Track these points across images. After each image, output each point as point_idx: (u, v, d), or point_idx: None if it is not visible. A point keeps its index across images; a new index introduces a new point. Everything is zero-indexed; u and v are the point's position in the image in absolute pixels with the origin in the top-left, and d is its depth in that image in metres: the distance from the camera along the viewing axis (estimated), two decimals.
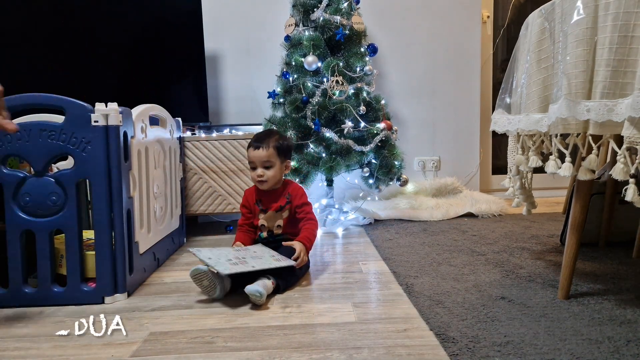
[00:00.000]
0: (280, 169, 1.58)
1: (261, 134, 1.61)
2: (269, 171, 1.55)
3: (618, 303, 1.22)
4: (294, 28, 2.34)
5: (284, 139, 1.61)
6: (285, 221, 1.60)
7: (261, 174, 1.55)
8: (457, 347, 1.00)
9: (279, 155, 1.57)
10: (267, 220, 1.60)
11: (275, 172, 1.56)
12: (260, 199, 1.62)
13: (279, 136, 1.60)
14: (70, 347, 1.08)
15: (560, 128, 1.14)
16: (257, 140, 1.57)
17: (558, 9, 1.17)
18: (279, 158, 1.57)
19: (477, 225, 2.25)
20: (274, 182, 1.58)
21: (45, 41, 2.29)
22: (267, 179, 1.55)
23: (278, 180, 1.60)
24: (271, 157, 1.55)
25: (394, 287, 1.41)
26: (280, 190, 1.62)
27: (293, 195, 1.60)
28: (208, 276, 1.34)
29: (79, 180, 1.33)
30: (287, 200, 1.60)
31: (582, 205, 1.23)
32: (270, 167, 1.55)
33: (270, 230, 1.60)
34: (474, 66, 2.86)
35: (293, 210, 1.60)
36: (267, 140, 1.56)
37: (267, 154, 1.54)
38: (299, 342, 1.07)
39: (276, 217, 1.60)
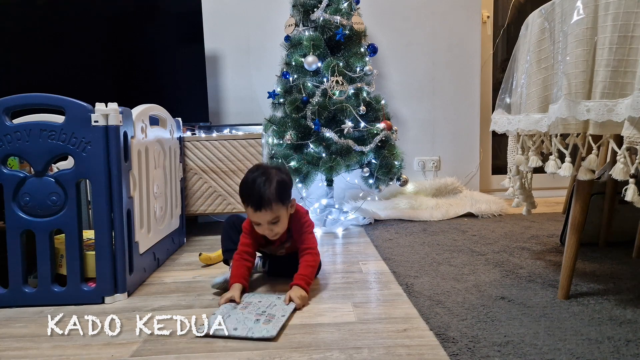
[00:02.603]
0: (287, 216, 1.38)
1: (256, 185, 1.31)
2: (278, 226, 1.36)
3: (618, 303, 1.22)
4: (294, 28, 2.34)
5: (280, 182, 1.34)
6: (288, 248, 1.50)
7: (270, 232, 1.37)
8: (457, 347, 1.00)
9: (284, 204, 1.35)
10: (269, 250, 1.52)
11: (283, 224, 1.37)
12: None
13: (277, 181, 1.33)
14: (70, 347, 1.08)
15: (560, 128, 1.14)
16: (255, 200, 1.31)
17: (558, 9, 1.17)
18: (285, 206, 1.36)
19: (477, 225, 2.25)
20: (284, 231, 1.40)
21: (45, 41, 2.29)
22: (277, 233, 1.38)
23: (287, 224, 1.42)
24: (277, 213, 1.33)
25: (394, 287, 1.41)
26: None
27: (295, 229, 1.44)
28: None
29: (79, 180, 1.33)
30: (288, 235, 1.46)
31: (582, 205, 1.23)
32: (278, 221, 1.35)
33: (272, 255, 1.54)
34: (474, 66, 2.86)
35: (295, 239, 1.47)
36: (266, 196, 1.30)
37: (273, 214, 1.32)
38: (299, 342, 1.07)
39: (279, 248, 1.50)
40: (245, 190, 1.34)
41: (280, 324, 1.13)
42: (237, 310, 1.20)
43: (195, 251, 1.91)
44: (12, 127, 1.31)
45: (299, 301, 1.25)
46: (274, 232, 1.36)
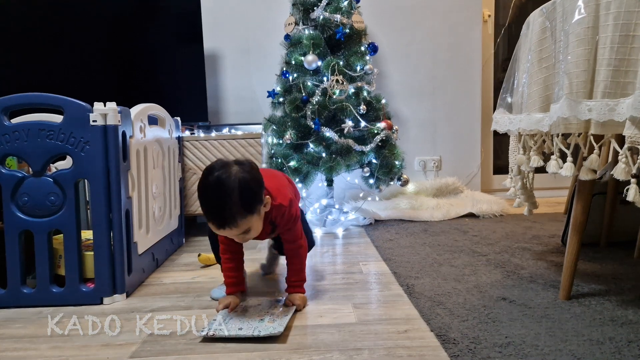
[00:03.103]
0: (259, 221, 1.16)
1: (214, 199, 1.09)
2: (250, 234, 1.16)
3: (619, 303, 1.22)
4: (293, 27, 2.34)
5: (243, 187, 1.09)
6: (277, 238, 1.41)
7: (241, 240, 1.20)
8: (457, 348, 1.00)
9: (252, 212, 1.11)
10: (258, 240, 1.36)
11: (255, 231, 1.16)
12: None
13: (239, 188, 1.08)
14: (69, 348, 1.07)
15: (561, 128, 1.13)
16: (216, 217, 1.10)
17: (559, 8, 1.17)
18: (254, 214, 1.12)
19: (478, 225, 2.24)
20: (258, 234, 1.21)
21: (44, 41, 2.29)
22: (250, 238, 1.19)
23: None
24: (246, 225, 1.12)
25: (395, 288, 1.41)
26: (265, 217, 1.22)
27: (277, 222, 1.25)
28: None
29: (78, 180, 1.32)
30: (272, 227, 1.27)
31: (583, 205, 1.23)
32: (249, 230, 1.14)
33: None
34: (475, 65, 2.86)
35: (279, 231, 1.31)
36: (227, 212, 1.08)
37: (239, 229, 1.11)
38: (299, 343, 1.06)
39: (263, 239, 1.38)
40: (203, 203, 1.11)
41: (286, 321, 1.13)
42: (237, 314, 1.20)
43: (194, 252, 1.91)
44: (11, 126, 1.30)
45: (299, 302, 1.24)
46: (246, 239, 1.18)
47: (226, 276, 1.30)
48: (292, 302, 1.24)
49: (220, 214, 1.09)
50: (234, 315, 1.18)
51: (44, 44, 2.29)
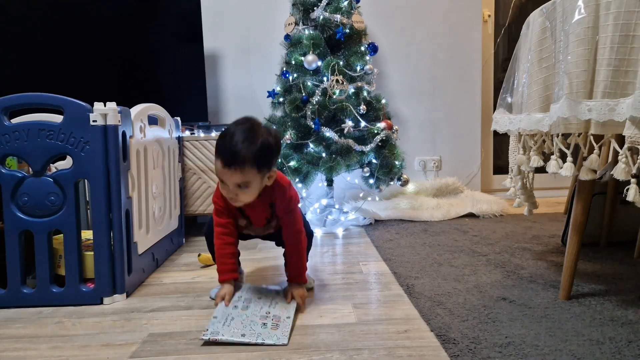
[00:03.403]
0: (260, 184, 1.16)
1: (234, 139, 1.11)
2: (244, 193, 1.15)
3: (619, 303, 1.22)
4: (293, 27, 2.34)
5: (265, 144, 1.13)
6: (276, 227, 1.35)
7: (233, 196, 1.16)
8: (458, 348, 1.00)
9: (260, 172, 1.14)
10: (254, 232, 1.36)
11: (252, 192, 1.16)
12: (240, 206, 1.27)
13: (261, 142, 1.12)
14: (69, 348, 1.07)
15: (561, 128, 1.13)
16: (228, 154, 1.10)
17: (559, 8, 1.17)
18: (260, 174, 1.14)
19: (478, 225, 2.24)
20: (253, 199, 1.20)
21: (44, 41, 2.29)
22: (241, 200, 1.17)
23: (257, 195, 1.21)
24: (248, 177, 1.12)
25: (395, 288, 1.41)
26: (264, 197, 1.24)
27: (277, 204, 1.25)
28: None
29: (78, 180, 1.32)
30: (271, 211, 1.28)
31: (583, 205, 1.23)
32: (246, 187, 1.14)
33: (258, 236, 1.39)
34: (475, 65, 2.86)
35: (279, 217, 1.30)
36: (242, 153, 1.10)
37: (242, 177, 1.11)
38: (299, 343, 1.06)
39: (265, 229, 1.35)
40: (221, 140, 1.13)
41: (288, 328, 1.11)
42: (238, 311, 1.17)
43: (194, 252, 1.91)
44: (11, 126, 1.30)
45: (300, 300, 1.24)
46: (238, 198, 1.15)
47: (219, 263, 1.27)
48: (292, 295, 1.24)
49: (235, 152, 1.10)
50: (235, 315, 1.16)
51: (44, 44, 2.29)
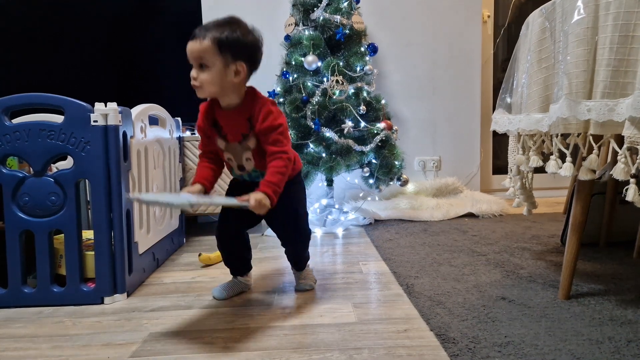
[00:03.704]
0: (222, 72, 1.13)
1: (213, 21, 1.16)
2: (204, 74, 1.13)
3: (619, 303, 1.22)
4: (293, 27, 2.34)
5: (239, 35, 1.14)
6: (255, 153, 1.22)
7: (194, 76, 1.14)
8: (457, 348, 1.00)
9: (222, 53, 1.12)
10: (233, 155, 1.25)
11: (212, 76, 1.13)
12: (217, 119, 1.23)
13: (231, 27, 1.14)
14: (69, 348, 1.07)
15: (561, 128, 1.13)
16: (199, 28, 1.14)
17: (559, 9, 1.17)
18: (221, 57, 1.12)
19: (477, 225, 2.24)
20: (215, 91, 1.16)
21: (45, 41, 2.29)
22: (200, 83, 1.14)
23: (223, 90, 1.16)
24: (207, 54, 1.11)
25: (394, 288, 1.41)
26: (241, 109, 1.20)
27: (255, 116, 1.18)
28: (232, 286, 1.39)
29: (78, 180, 1.33)
30: (249, 125, 1.19)
31: (582, 205, 1.23)
32: (206, 67, 1.13)
33: (241, 166, 1.26)
34: (475, 66, 2.86)
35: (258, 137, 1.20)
36: (209, 27, 1.13)
37: (201, 48, 1.11)
38: (299, 342, 1.06)
39: (242, 149, 1.23)
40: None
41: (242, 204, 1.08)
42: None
43: (194, 251, 1.91)
44: (12, 126, 1.30)
45: (253, 202, 1.09)
46: (198, 80, 1.13)
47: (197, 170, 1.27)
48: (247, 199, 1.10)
49: (201, 27, 1.14)
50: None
51: (44, 44, 2.30)
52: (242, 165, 1.25)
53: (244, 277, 1.41)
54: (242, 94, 1.21)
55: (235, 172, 1.28)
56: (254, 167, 1.24)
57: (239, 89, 1.20)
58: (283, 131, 1.19)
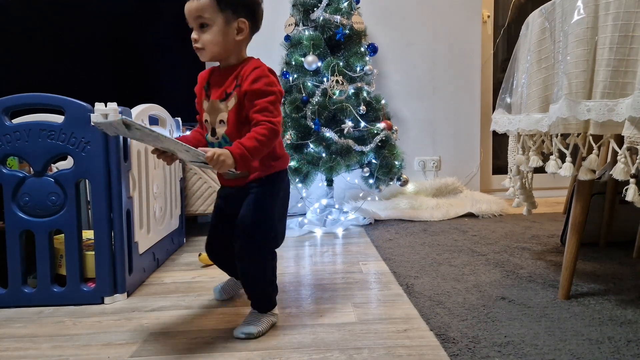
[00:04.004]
0: (224, 30, 1.07)
1: None
2: (206, 34, 1.07)
3: (618, 303, 1.22)
4: (293, 27, 2.34)
5: None
6: (232, 117, 1.09)
7: (195, 37, 1.08)
8: (457, 348, 1.00)
9: (222, 9, 1.05)
10: (210, 115, 1.14)
11: (214, 35, 1.07)
12: (210, 81, 1.16)
13: None
14: (70, 348, 1.07)
15: (560, 128, 1.13)
16: None
17: (558, 9, 1.17)
18: (222, 13, 1.06)
19: (477, 225, 2.25)
20: (218, 52, 1.09)
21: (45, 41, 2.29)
22: (204, 45, 1.08)
23: (226, 50, 1.10)
24: (205, 12, 1.05)
25: (394, 288, 1.41)
26: (235, 67, 1.12)
27: (245, 76, 1.08)
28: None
29: (79, 180, 1.33)
30: (235, 84, 1.09)
31: (582, 205, 1.23)
32: (207, 27, 1.06)
33: (213, 130, 1.13)
34: (475, 66, 2.86)
35: (242, 99, 1.07)
36: None
37: (199, 6, 1.04)
38: (299, 342, 1.06)
39: (219, 109, 1.11)
40: None
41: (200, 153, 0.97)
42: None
43: (194, 251, 1.91)
44: (12, 127, 1.31)
45: (210, 153, 0.98)
46: (200, 40, 1.07)
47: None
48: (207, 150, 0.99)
49: None
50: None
51: (44, 44, 2.30)
52: (215, 128, 1.12)
53: None
54: (243, 56, 1.14)
55: (209, 138, 1.14)
56: (225, 132, 1.10)
57: (241, 49, 1.13)
58: (275, 101, 1.07)
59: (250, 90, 1.05)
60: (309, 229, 2.22)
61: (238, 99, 1.07)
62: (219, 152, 0.98)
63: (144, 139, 1.02)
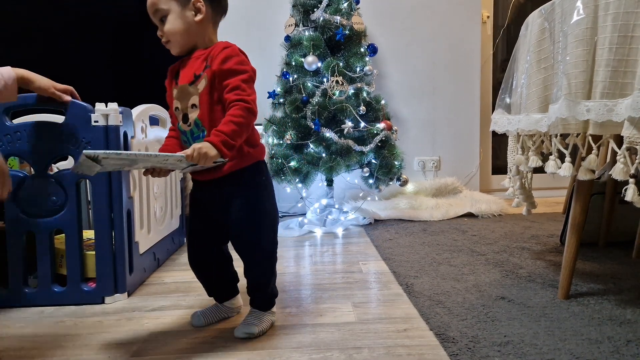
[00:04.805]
0: (180, 15, 1.04)
1: None
2: (167, 26, 1.04)
3: (618, 303, 1.22)
4: (294, 28, 2.34)
5: None
6: (204, 98, 1.03)
7: (159, 33, 1.06)
8: (457, 347, 1.00)
9: None
10: (180, 101, 1.07)
11: (172, 23, 1.04)
12: (178, 70, 1.10)
13: None
14: (70, 347, 1.08)
15: (560, 128, 1.14)
16: None
17: (558, 9, 1.17)
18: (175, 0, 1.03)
19: (477, 225, 2.25)
20: (183, 40, 1.06)
21: (44, 40, 2.29)
22: (167, 37, 1.05)
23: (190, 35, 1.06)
24: (159, 3, 1.03)
25: (394, 287, 1.41)
26: (203, 51, 1.07)
27: (214, 55, 1.03)
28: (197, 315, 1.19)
29: (79, 180, 1.33)
30: (205, 65, 1.04)
31: (582, 205, 1.23)
32: (165, 17, 1.04)
33: (185, 116, 1.06)
34: (474, 66, 2.86)
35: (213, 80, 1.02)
36: None
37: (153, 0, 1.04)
38: (299, 342, 1.07)
39: (190, 93, 1.05)
40: None
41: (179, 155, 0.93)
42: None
43: None
44: (12, 127, 1.31)
45: (190, 151, 0.93)
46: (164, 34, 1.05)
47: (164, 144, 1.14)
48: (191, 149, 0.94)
49: None
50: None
51: (44, 44, 2.30)
52: (187, 114, 1.06)
53: (229, 301, 1.23)
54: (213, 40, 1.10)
55: (181, 125, 1.08)
56: (198, 117, 1.04)
57: (206, 31, 1.09)
58: (247, 79, 1.03)
59: (221, 69, 1.01)
60: (309, 228, 2.22)
61: (209, 80, 1.02)
62: (198, 146, 0.93)
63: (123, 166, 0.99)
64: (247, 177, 1.08)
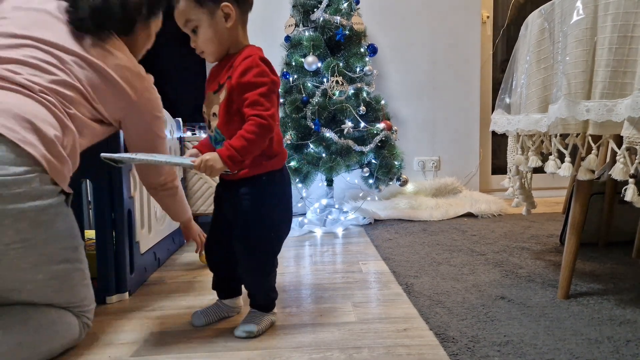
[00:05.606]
0: (211, 24, 1.03)
1: None
2: (198, 37, 1.05)
3: (617, 303, 1.23)
4: (294, 28, 2.34)
5: None
6: (222, 109, 1.04)
7: (192, 45, 1.07)
8: (456, 347, 1.01)
9: (202, 4, 1.02)
10: (206, 106, 1.11)
11: (204, 33, 1.04)
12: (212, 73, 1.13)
13: None
14: (70, 347, 1.08)
15: (559, 128, 1.14)
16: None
17: (558, 9, 1.17)
18: (203, 8, 1.02)
19: (476, 225, 2.25)
20: (217, 48, 1.07)
21: None
22: (201, 48, 1.07)
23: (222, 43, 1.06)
24: (189, 14, 1.03)
25: (394, 287, 1.42)
26: (230, 57, 1.08)
27: (235, 66, 1.02)
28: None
29: (80, 180, 1.33)
30: (227, 76, 1.04)
31: (581, 205, 1.23)
32: (197, 28, 1.04)
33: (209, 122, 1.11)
34: (474, 66, 2.87)
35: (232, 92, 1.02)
36: None
37: (182, 12, 1.03)
38: (299, 341, 1.07)
39: (213, 102, 1.08)
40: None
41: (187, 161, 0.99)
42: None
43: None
44: None
45: (198, 161, 0.96)
46: (197, 46, 1.07)
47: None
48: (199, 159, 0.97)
49: None
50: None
51: None
52: (210, 121, 1.09)
53: (231, 299, 1.23)
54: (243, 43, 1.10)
55: (207, 130, 1.13)
56: (217, 126, 1.06)
57: (237, 35, 1.08)
58: (266, 92, 1.00)
59: (239, 83, 1.00)
60: (309, 228, 2.22)
61: (228, 92, 1.02)
62: (206, 157, 0.96)
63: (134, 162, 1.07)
64: (259, 184, 1.09)
